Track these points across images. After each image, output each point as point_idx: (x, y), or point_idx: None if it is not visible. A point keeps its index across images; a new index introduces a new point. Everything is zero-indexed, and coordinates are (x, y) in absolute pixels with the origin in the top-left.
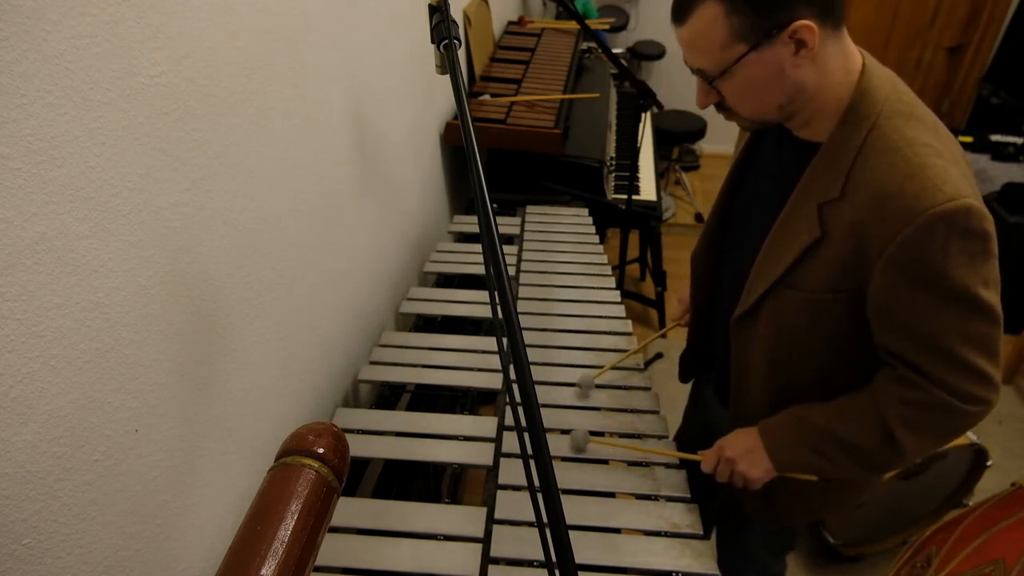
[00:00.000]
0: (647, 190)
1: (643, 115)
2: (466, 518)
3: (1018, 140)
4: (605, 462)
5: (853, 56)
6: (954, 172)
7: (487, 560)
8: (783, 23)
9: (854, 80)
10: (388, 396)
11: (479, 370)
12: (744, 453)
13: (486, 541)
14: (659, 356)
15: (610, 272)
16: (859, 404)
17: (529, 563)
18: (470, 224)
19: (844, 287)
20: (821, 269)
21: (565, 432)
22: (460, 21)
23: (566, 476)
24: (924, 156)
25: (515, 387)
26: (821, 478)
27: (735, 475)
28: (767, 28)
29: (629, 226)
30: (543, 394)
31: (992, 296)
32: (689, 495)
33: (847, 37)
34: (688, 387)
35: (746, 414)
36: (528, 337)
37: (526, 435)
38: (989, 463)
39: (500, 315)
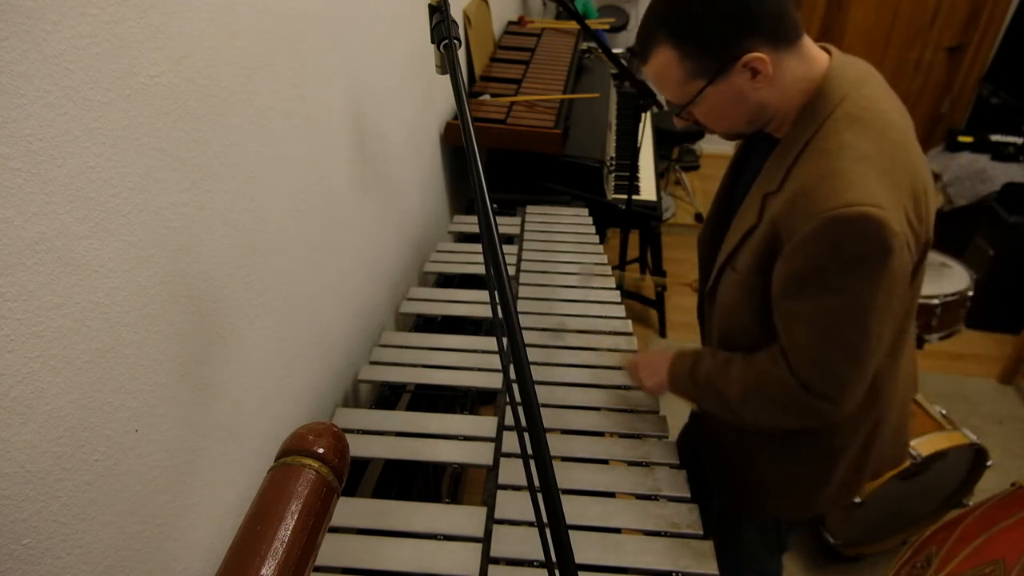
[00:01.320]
0: (647, 190)
1: (643, 115)
2: (466, 518)
3: (1018, 140)
4: (605, 462)
5: (815, 62)
6: (872, 178)
7: (487, 560)
8: (734, 58)
9: (816, 83)
10: (388, 396)
11: (479, 370)
12: (649, 364)
13: (486, 541)
14: None
15: (610, 272)
16: (740, 363)
17: (529, 563)
18: (470, 224)
19: (763, 271)
20: (750, 253)
21: (565, 432)
22: (460, 21)
23: (566, 476)
24: (847, 160)
25: (515, 387)
26: (699, 409)
27: (634, 378)
28: (719, 64)
29: (629, 226)
30: (543, 394)
31: (872, 310)
32: (689, 495)
33: (806, 45)
34: None
35: None
36: (528, 337)
37: (526, 435)
38: (989, 463)
39: (500, 315)
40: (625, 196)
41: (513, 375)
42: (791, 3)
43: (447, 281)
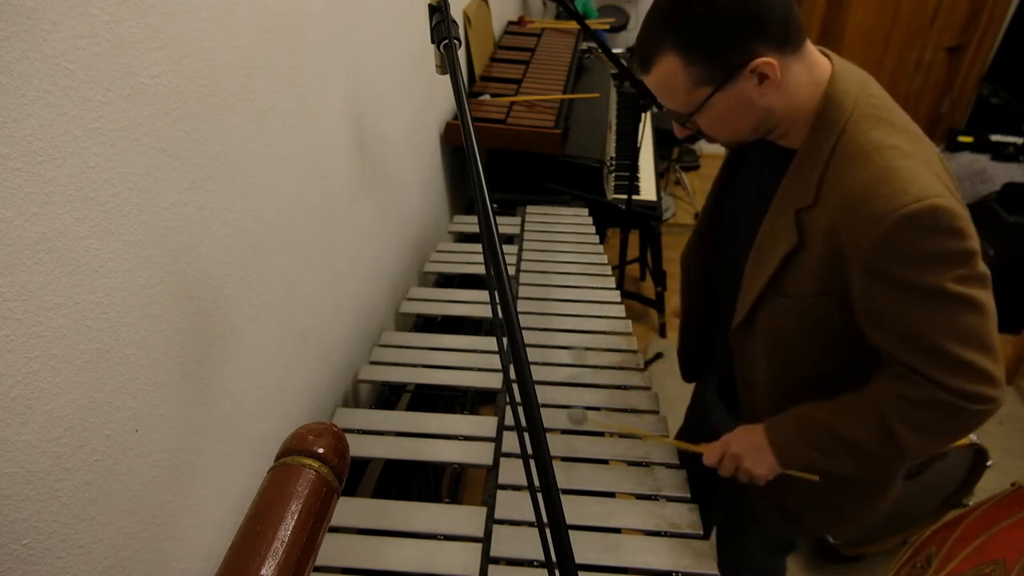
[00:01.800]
0: (647, 190)
1: (643, 115)
2: (466, 518)
3: (1018, 140)
4: (605, 462)
5: (818, 66)
6: (923, 172)
7: (487, 560)
8: (741, 63)
9: (823, 87)
10: (388, 396)
11: (479, 370)
12: (750, 449)
13: (486, 541)
14: (659, 356)
15: (610, 272)
16: (859, 401)
17: (529, 563)
18: (470, 224)
19: (829, 291)
20: (804, 275)
21: (565, 432)
22: (460, 21)
23: (566, 476)
24: (891, 159)
25: (515, 387)
26: (823, 477)
27: (740, 471)
28: (726, 70)
29: (629, 226)
30: (543, 394)
31: (975, 290)
32: (689, 495)
33: (809, 49)
34: (689, 387)
35: (755, 421)
36: (528, 337)
37: (526, 435)
38: (989, 463)
39: (500, 315)
40: (625, 196)
41: (513, 375)
42: (795, 7)
43: (447, 281)
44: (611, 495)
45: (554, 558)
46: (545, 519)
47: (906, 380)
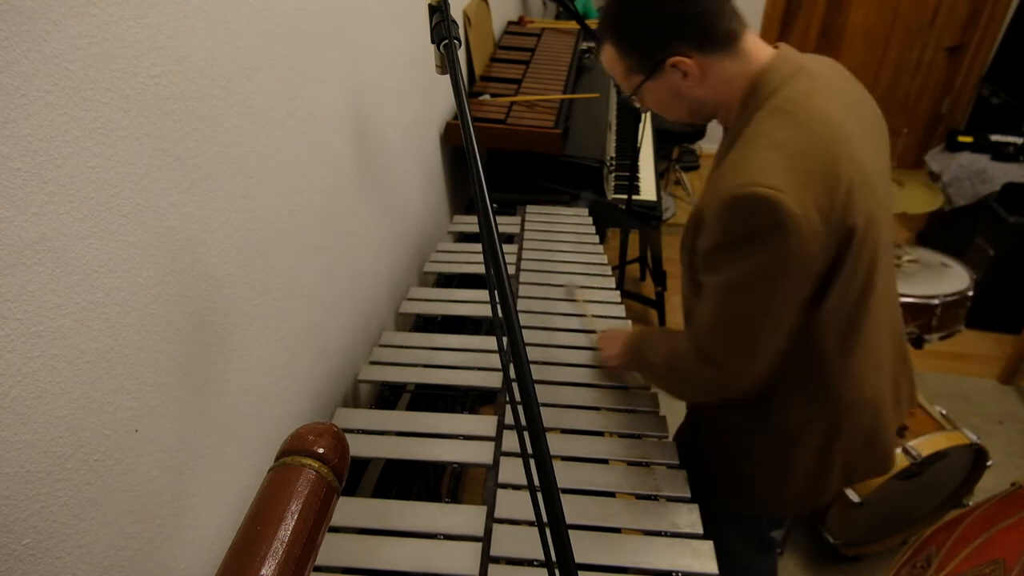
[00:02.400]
0: (647, 190)
1: (643, 115)
2: (466, 517)
3: (1018, 140)
4: (605, 462)
5: (753, 60)
6: (776, 163)
7: (487, 560)
8: (661, 60)
9: (752, 78)
10: (388, 396)
11: (479, 370)
12: (612, 336)
13: (486, 540)
14: None
15: (610, 272)
16: (670, 335)
17: (529, 563)
18: (470, 224)
19: (695, 251)
20: (688, 243)
21: (565, 432)
22: (460, 21)
23: (566, 476)
24: (759, 148)
25: (515, 386)
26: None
27: (601, 352)
28: (651, 64)
29: (629, 226)
30: (543, 393)
31: (765, 290)
32: (689, 495)
33: (746, 45)
34: None
35: None
36: (528, 337)
37: (526, 434)
38: (989, 463)
39: (500, 315)
40: (625, 196)
41: (513, 375)
42: (726, 11)
43: (447, 281)
44: (611, 495)
45: (554, 558)
46: (545, 519)
47: (682, 336)
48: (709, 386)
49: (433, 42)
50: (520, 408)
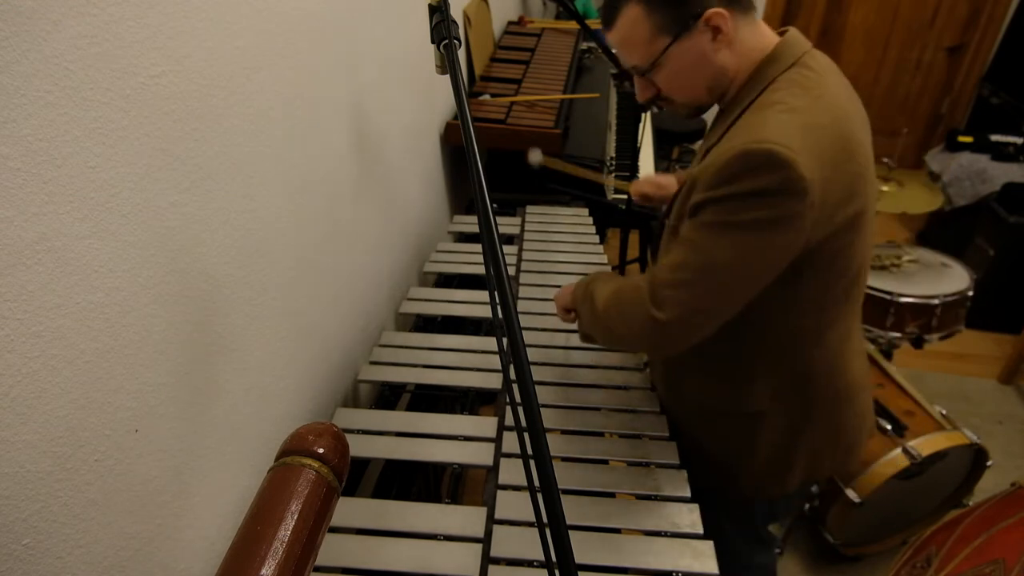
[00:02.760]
0: None
1: (643, 115)
2: (466, 518)
3: (1018, 140)
4: (605, 462)
5: (767, 35)
6: (789, 126)
7: (487, 560)
8: (696, 14)
9: (767, 51)
10: (388, 396)
11: (479, 370)
12: (568, 287)
13: (486, 541)
14: None
15: (610, 272)
16: (620, 279)
17: (529, 563)
18: (470, 224)
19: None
20: (679, 201)
21: (565, 432)
22: (460, 21)
23: (566, 476)
24: (775, 112)
25: (515, 387)
26: (584, 326)
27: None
28: (683, 20)
29: (629, 226)
30: (543, 394)
31: (752, 248)
32: (689, 495)
33: (759, 21)
34: None
35: (655, 366)
36: (528, 337)
37: (526, 435)
38: (989, 463)
39: (500, 315)
40: (625, 196)
41: (513, 375)
42: None
43: (447, 281)
44: (611, 495)
45: (554, 558)
46: (545, 519)
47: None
48: (647, 332)
49: (433, 42)
50: (520, 409)
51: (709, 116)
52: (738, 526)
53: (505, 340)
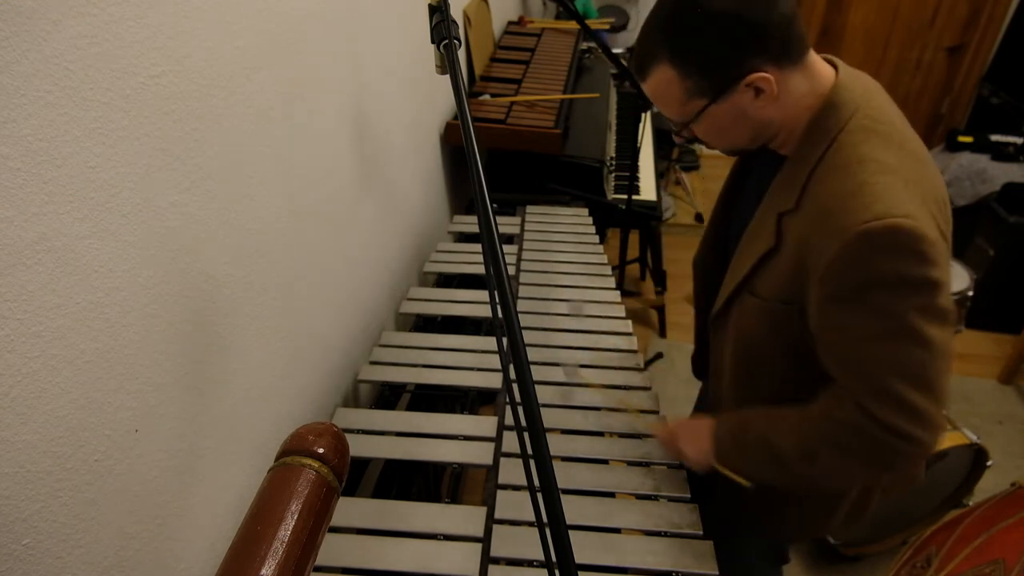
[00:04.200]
0: (647, 190)
1: (643, 115)
2: (466, 518)
3: (1018, 140)
4: (605, 462)
5: (821, 76)
6: (898, 189)
7: (487, 560)
8: (736, 78)
9: (824, 96)
10: (388, 396)
11: (479, 370)
12: (689, 432)
13: (486, 541)
14: (659, 356)
15: (610, 272)
16: (794, 414)
17: (529, 563)
18: (470, 224)
19: (793, 299)
20: (774, 278)
21: (565, 432)
22: (460, 21)
23: (566, 476)
24: (870, 173)
25: (515, 387)
26: (752, 482)
27: (671, 448)
28: (722, 83)
29: (629, 226)
30: (543, 394)
31: (928, 325)
32: (689, 495)
33: (812, 60)
34: (689, 386)
35: (716, 409)
36: (528, 337)
37: (526, 435)
38: (989, 463)
39: (500, 315)
40: (625, 196)
41: (513, 375)
42: (798, 20)
43: (447, 281)
44: (611, 495)
45: (554, 558)
46: (545, 519)
47: (839, 400)
48: (893, 459)
49: (433, 42)
50: (520, 409)
51: None
52: (762, 548)
53: (505, 340)
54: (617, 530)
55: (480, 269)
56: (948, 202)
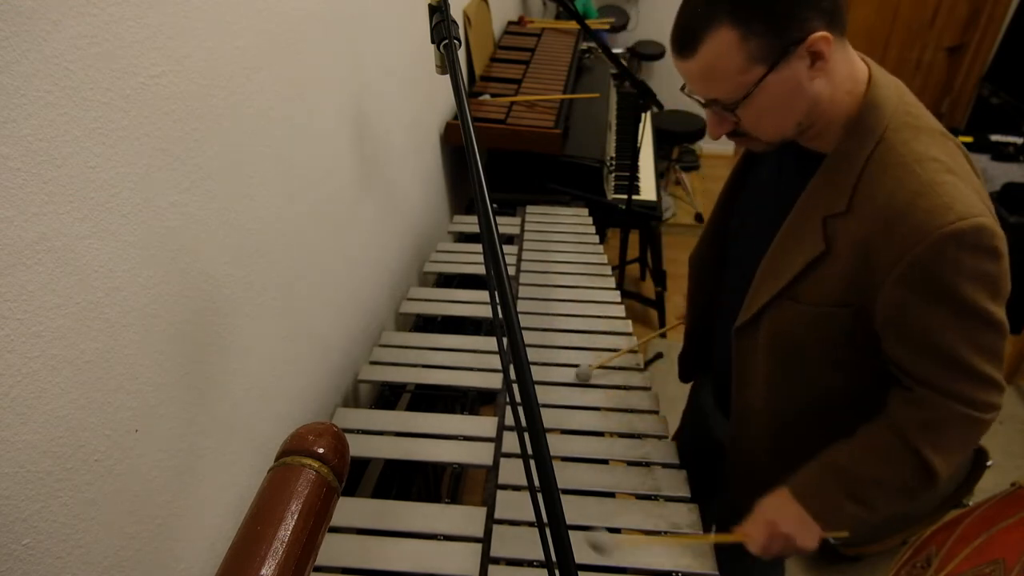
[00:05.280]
0: (647, 190)
1: (643, 115)
2: (466, 518)
3: (1018, 140)
4: (605, 462)
5: (857, 63)
6: (965, 189)
7: (487, 560)
8: (800, 38)
9: (862, 89)
10: (388, 396)
11: (479, 370)
12: (786, 522)
13: (486, 541)
14: (659, 356)
15: (610, 272)
16: (882, 439)
17: (529, 563)
18: (470, 224)
19: (849, 301)
20: (826, 283)
21: (565, 432)
22: (460, 21)
23: (566, 476)
24: (934, 172)
25: (515, 387)
26: (864, 525)
27: (777, 548)
28: (784, 45)
29: (629, 226)
30: (543, 394)
31: (1000, 309)
32: (689, 495)
33: (848, 44)
34: (688, 387)
35: (747, 426)
36: (528, 337)
37: (526, 435)
38: (989, 463)
39: (500, 315)
40: (625, 196)
41: (513, 375)
42: None
43: (447, 281)
44: (611, 495)
45: (554, 558)
46: (545, 519)
47: (923, 404)
48: (983, 429)
49: (433, 42)
50: (520, 409)
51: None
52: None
53: (505, 340)
54: (617, 530)
55: (480, 269)
56: (983, 184)
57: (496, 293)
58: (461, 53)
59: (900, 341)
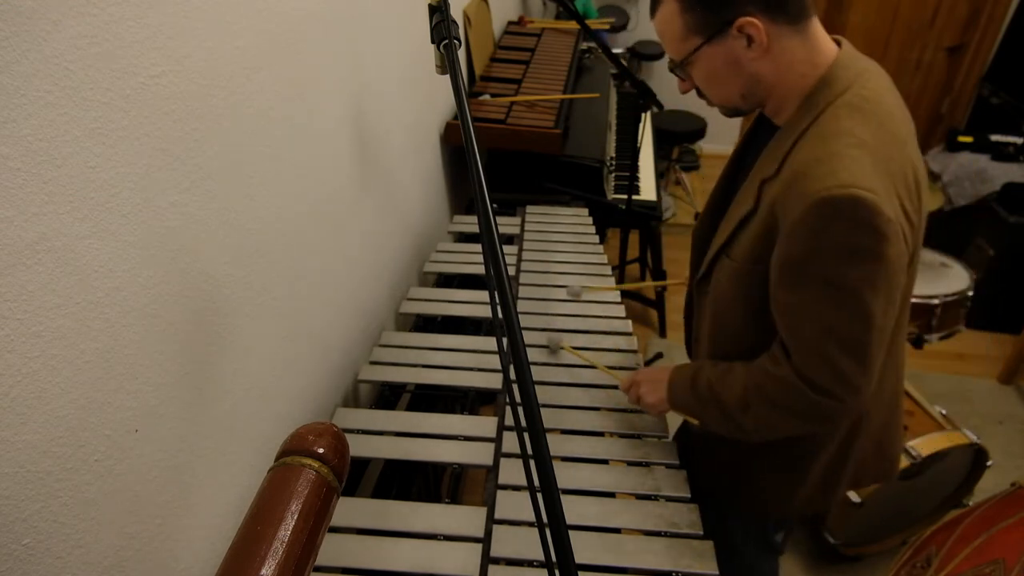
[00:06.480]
0: (647, 190)
1: (643, 115)
2: (466, 518)
3: (1018, 140)
4: (605, 462)
5: (821, 51)
6: (865, 164)
7: (487, 560)
8: (728, 20)
9: (820, 72)
10: (388, 396)
11: (479, 370)
12: (651, 380)
13: (486, 541)
14: (659, 356)
15: (610, 272)
16: (740, 367)
17: (529, 563)
18: (470, 224)
19: (761, 259)
20: (747, 240)
21: (565, 432)
22: (460, 21)
23: (566, 476)
24: (843, 145)
25: (515, 387)
26: (701, 424)
27: (632, 395)
28: (716, 23)
29: (629, 226)
30: (543, 394)
31: (875, 300)
32: (689, 495)
33: (815, 31)
34: None
35: None
36: (528, 337)
37: (526, 435)
38: (989, 463)
39: (500, 315)
40: (625, 196)
41: (513, 375)
42: None
43: (447, 281)
44: (611, 495)
45: (554, 558)
46: (545, 519)
47: (774, 357)
48: (820, 417)
49: (433, 42)
50: (520, 409)
51: (717, 121)
52: (751, 536)
53: (505, 340)
54: (617, 530)
55: (480, 269)
56: (922, 186)
57: (496, 293)
58: (461, 53)
59: (774, 304)
